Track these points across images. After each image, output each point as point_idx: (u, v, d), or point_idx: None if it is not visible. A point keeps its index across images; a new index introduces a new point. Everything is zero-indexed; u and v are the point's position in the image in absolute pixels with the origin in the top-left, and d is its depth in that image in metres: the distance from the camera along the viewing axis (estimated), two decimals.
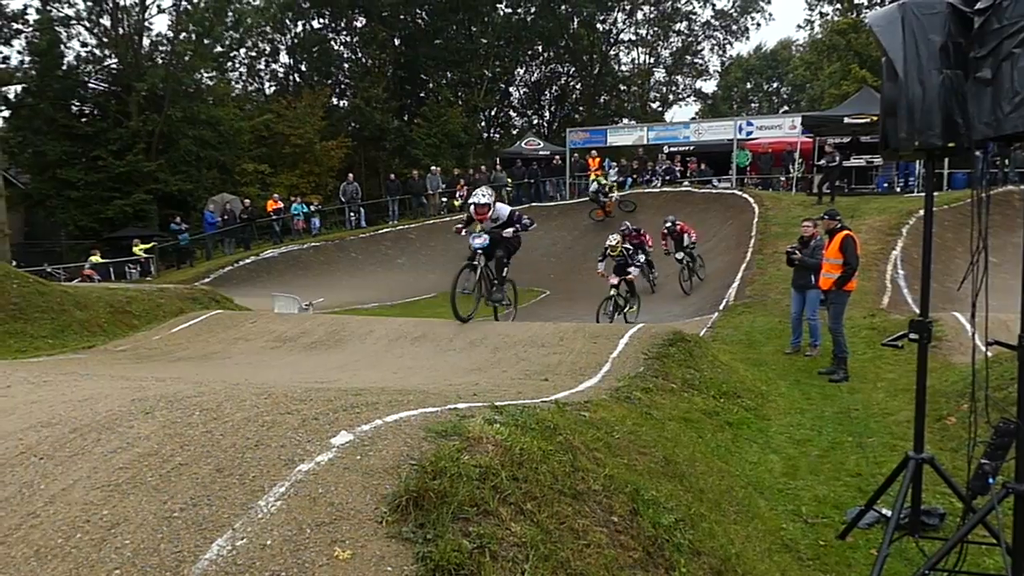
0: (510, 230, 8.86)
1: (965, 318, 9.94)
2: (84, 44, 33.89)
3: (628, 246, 15.32)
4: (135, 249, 24.94)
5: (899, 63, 3.57)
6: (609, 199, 25.09)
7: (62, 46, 32.75)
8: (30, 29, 30.77)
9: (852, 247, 8.88)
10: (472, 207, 8.94)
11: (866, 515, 4.43)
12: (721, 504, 4.36)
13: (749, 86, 60.18)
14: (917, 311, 6.44)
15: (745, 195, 22.12)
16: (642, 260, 15.58)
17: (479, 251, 8.77)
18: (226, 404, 3.26)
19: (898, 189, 23.47)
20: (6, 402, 3.44)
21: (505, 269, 9.14)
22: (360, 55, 44.63)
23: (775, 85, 60.15)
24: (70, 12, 32.89)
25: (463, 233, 9.19)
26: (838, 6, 41.21)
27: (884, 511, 4.46)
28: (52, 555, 2.20)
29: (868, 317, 11.39)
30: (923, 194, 4.34)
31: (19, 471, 2.65)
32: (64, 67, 32.71)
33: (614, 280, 14.62)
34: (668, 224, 17.89)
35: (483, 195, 8.89)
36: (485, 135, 48.01)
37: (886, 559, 3.63)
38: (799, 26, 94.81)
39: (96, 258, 24.26)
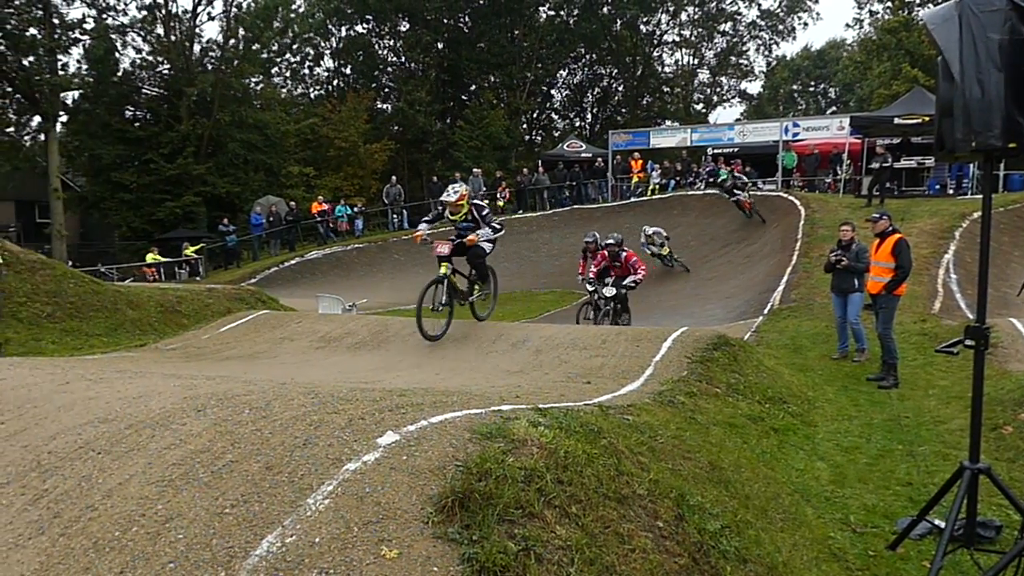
0: None
1: (1022, 324, 9.63)
2: (138, 51, 35.13)
3: (479, 203, 9.06)
4: (186, 251, 25.66)
5: (956, 62, 3.48)
6: (744, 195, 21.83)
7: (117, 53, 33.95)
8: (87, 38, 31.83)
9: (906, 250, 8.67)
10: None
11: (918, 526, 4.32)
12: (767, 511, 4.29)
13: (795, 87, 59.15)
14: (970, 316, 6.24)
15: (791, 197, 21.71)
16: (499, 226, 9.17)
17: None
18: (275, 403, 3.31)
19: (951, 191, 22.83)
20: (66, 398, 3.54)
21: None
22: (404, 59, 45.08)
23: (822, 85, 59.01)
24: (125, 21, 34.07)
25: None
26: (888, 4, 40.21)
27: (937, 522, 4.34)
28: (110, 547, 2.26)
29: (919, 322, 11.09)
30: (977, 197, 4.21)
31: (78, 465, 2.73)
32: (119, 74, 33.81)
33: (443, 249, 8.61)
34: (611, 241, 11.88)
35: None
36: (527, 137, 48.08)
37: (939, 571, 3.53)
38: (848, 25, 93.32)
39: (153, 256, 25.00)
